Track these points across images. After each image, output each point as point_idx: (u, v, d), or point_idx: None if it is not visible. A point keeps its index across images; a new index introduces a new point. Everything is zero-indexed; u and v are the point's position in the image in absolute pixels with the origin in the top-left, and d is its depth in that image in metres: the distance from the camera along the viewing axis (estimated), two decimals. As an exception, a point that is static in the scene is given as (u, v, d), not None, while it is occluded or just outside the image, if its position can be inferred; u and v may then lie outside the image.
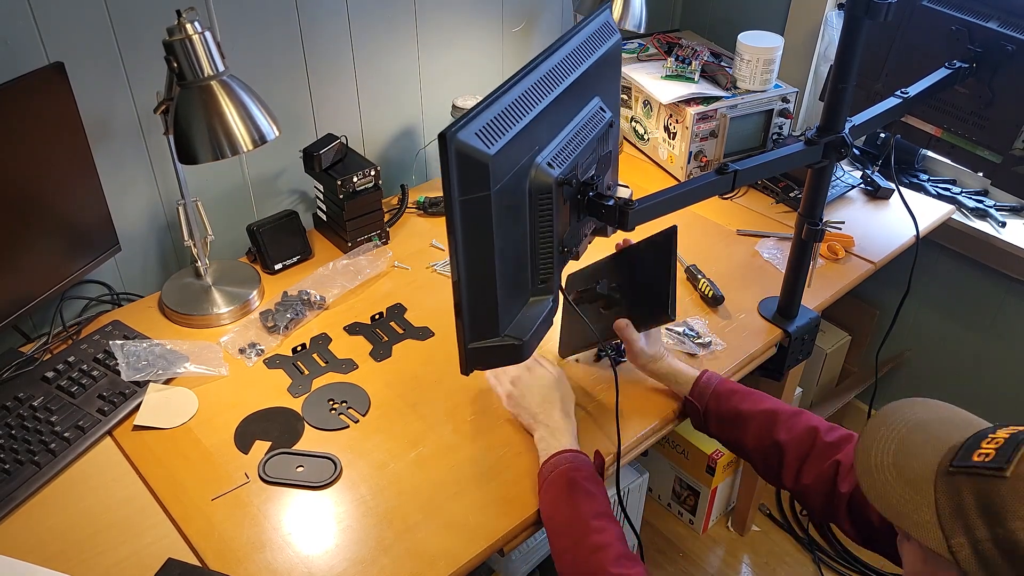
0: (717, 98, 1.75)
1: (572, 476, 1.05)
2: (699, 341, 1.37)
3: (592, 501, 1.02)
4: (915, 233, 1.57)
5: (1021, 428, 0.70)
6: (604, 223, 1.12)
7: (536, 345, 1.05)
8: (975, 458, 0.69)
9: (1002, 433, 0.70)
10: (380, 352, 1.36)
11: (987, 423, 0.76)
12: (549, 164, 1.00)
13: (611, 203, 1.06)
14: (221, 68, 1.18)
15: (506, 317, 1.02)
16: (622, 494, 1.39)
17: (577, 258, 1.16)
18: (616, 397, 1.16)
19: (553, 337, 1.35)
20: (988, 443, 0.70)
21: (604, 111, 1.14)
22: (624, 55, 1.95)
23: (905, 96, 1.35)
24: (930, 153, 1.94)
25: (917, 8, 1.52)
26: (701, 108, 1.72)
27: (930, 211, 1.74)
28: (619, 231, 1.12)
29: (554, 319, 1.10)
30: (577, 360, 1.34)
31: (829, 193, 1.30)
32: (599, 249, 1.29)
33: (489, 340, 1.01)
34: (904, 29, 1.55)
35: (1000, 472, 0.66)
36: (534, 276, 1.06)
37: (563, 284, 1.26)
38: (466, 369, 1.03)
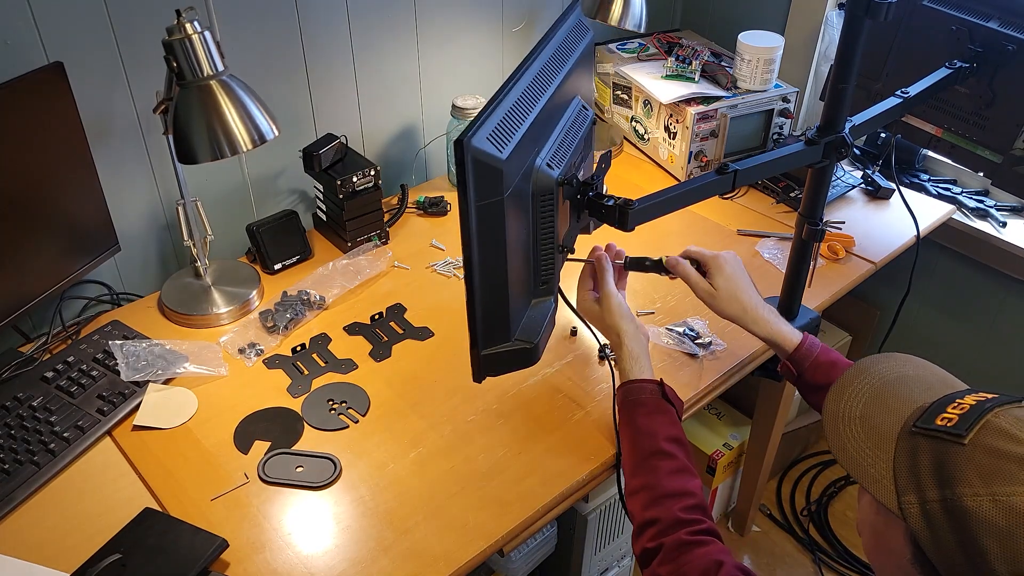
0: (717, 98, 1.75)
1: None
2: (699, 341, 1.37)
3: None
4: (916, 233, 1.57)
5: (989, 396, 0.71)
6: (605, 223, 1.12)
7: (544, 346, 1.05)
8: (938, 421, 0.70)
9: (969, 399, 0.71)
10: (380, 352, 1.36)
11: (964, 386, 0.77)
12: (549, 165, 1.00)
13: (611, 203, 1.06)
14: (220, 68, 1.18)
15: (515, 321, 1.02)
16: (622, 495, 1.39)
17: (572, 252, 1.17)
18: (614, 398, 1.16)
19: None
20: (953, 408, 0.70)
21: (586, 109, 1.15)
22: (624, 54, 1.95)
23: (905, 96, 1.35)
24: (930, 153, 1.94)
25: (917, 7, 1.52)
26: (701, 108, 1.72)
27: (931, 211, 1.74)
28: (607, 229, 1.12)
29: (555, 319, 1.10)
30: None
31: (829, 193, 1.30)
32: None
33: (501, 346, 1.01)
34: (904, 29, 1.55)
35: (959, 439, 0.67)
36: (536, 277, 1.06)
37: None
38: (479, 376, 1.03)
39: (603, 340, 1.29)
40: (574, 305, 1.23)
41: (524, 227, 1.00)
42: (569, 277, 1.22)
